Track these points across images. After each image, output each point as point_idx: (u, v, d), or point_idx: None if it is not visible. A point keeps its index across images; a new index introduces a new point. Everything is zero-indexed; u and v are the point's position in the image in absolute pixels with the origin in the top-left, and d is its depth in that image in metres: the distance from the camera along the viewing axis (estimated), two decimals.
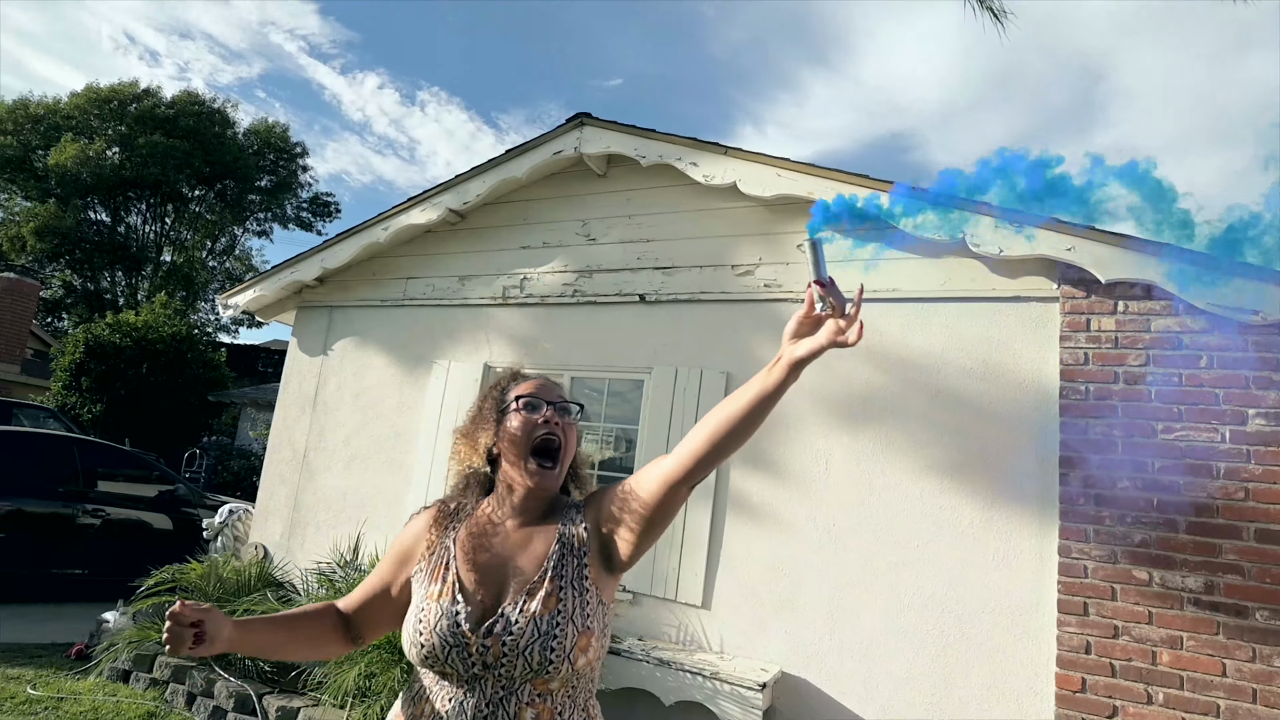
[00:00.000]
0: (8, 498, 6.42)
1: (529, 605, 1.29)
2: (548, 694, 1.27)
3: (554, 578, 1.32)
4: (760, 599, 4.01)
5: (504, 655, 1.25)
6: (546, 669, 1.25)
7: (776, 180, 4.16)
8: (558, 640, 1.25)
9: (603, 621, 1.33)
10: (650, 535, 1.34)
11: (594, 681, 1.37)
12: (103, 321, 15.08)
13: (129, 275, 31.08)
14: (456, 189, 5.27)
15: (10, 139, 28.94)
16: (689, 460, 1.28)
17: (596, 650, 1.31)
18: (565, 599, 1.29)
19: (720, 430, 1.25)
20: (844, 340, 1.19)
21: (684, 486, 1.30)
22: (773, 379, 1.22)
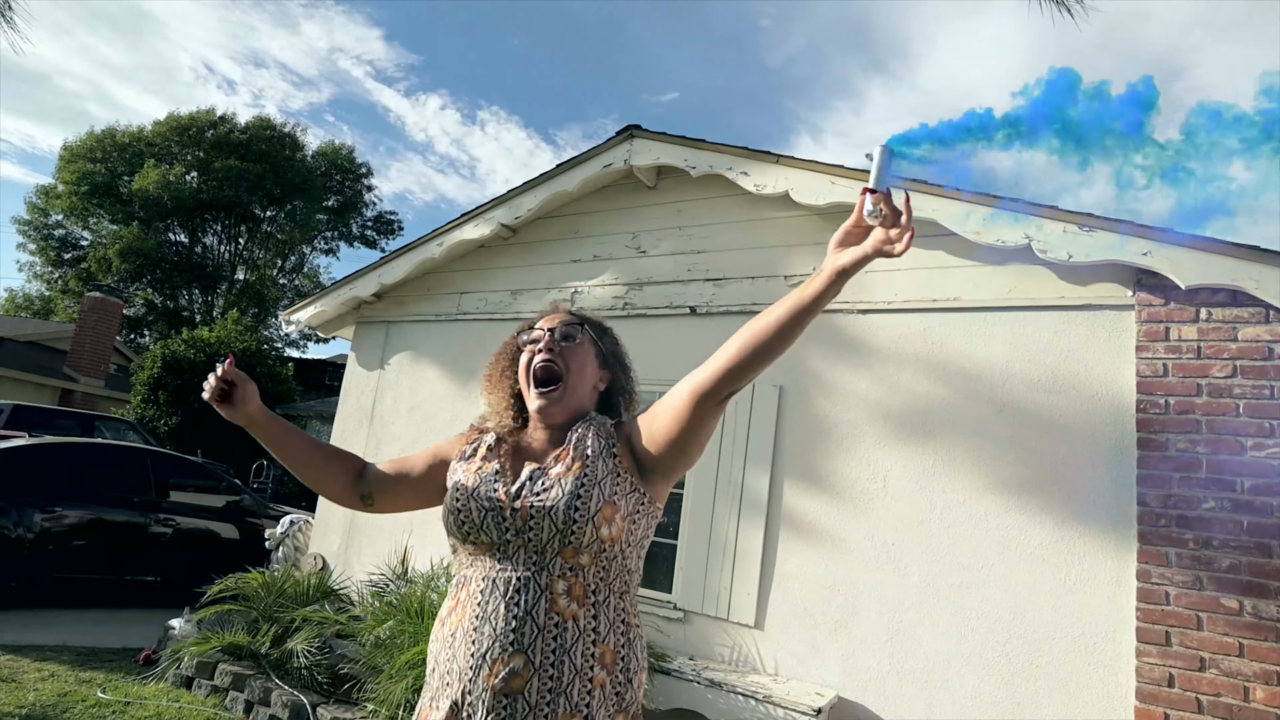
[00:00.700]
0: (88, 506, 6.72)
1: (554, 470, 1.32)
2: (579, 569, 1.26)
3: (577, 448, 1.34)
4: (815, 620, 3.88)
5: (532, 517, 1.27)
6: (571, 530, 1.25)
7: (830, 188, 4.05)
8: (581, 501, 1.26)
9: (633, 508, 1.32)
10: (680, 448, 1.31)
11: (631, 580, 1.34)
12: (179, 338, 15.77)
13: (205, 293, 32.53)
14: (509, 204, 5.31)
15: (99, 166, 30.71)
16: (719, 371, 1.25)
17: (621, 530, 1.29)
18: (592, 469, 1.30)
19: (754, 340, 1.21)
20: (890, 250, 1.13)
21: (713, 399, 1.26)
22: (813, 287, 1.18)
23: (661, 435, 1.30)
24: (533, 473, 1.34)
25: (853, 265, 1.16)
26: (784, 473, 4.15)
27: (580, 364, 1.45)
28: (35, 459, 6.73)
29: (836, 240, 1.20)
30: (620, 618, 1.29)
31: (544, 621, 1.22)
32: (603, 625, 1.25)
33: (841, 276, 1.17)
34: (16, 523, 6.24)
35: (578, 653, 1.22)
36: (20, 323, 23.37)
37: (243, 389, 1.47)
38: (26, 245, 32.48)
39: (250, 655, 4.69)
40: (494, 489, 1.33)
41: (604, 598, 1.27)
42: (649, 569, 4.54)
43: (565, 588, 1.25)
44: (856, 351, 4.08)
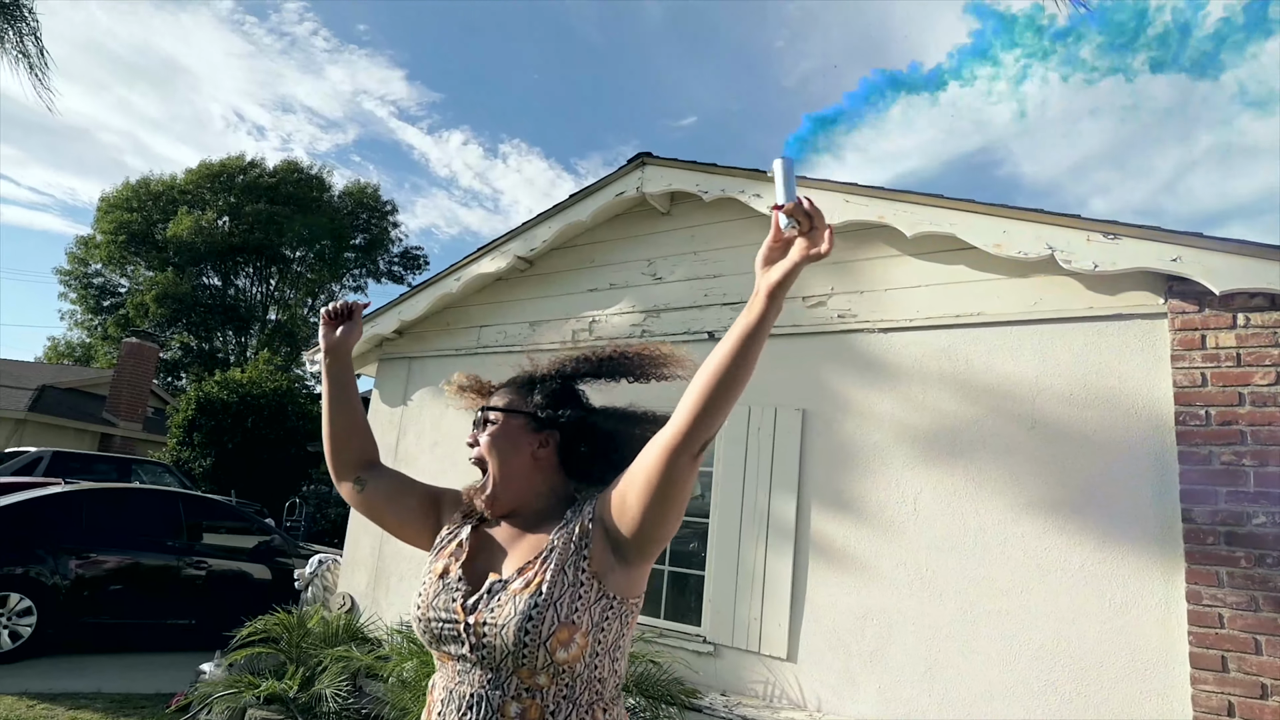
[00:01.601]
0: (122, 551, 6.80)
1: (513, 584, 1.23)
2: (536, 689, 1.18)
3: (543, 562, 1.23)
4: (849, 651, 3.75)
5: (484, 635, 1.20)
6: (522, 655, 1.16)
7: (845, 206, 3.99)
8: (533, 624, 1.17)
9: (599, 618, 1.20)
10: (658, 513, 1.19)
11: (606, 686, 1.23)
12: (212, 380, 16.05)
13: (239, 334, 33.21)
14: (524, 236, 5.32)
15: (135, 215, 31.66)
16: (684, 422, 1.15)
17: (583, 647, 1.18)
18: (553, 585, 1.20)
19: (712, 381, 1.14)
20: (816, 252, 1.11)
21: (686, 453, 1.16)
22: (753, 314, 1.14)
23: (637, 507, 1.20)
24: (492, 585, 1.25)
25: (783, 278, 1.13)
26: (811, 498, 4.04)
27: (501, 449, 1.35)
28: (69, 506, 6.84)
29: (762, 259, 1.17)
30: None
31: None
32: None
33: (775, 293, 1.13)
34: (53, 570, 6.32)
35: None
36: (61, 370, 24.00)
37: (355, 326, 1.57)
38: (67, 295, 33.50)
39: (279, 699, 4.66)
40: (452, 601, 1.27)
41: (565, 716, 1.18)
42: (677, 601, 4.44)
43: (519, 710, 1.18)
44: (879, 372, 3.99)
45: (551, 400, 1.41)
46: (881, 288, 4.05)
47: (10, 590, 6.07)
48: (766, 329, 1.13)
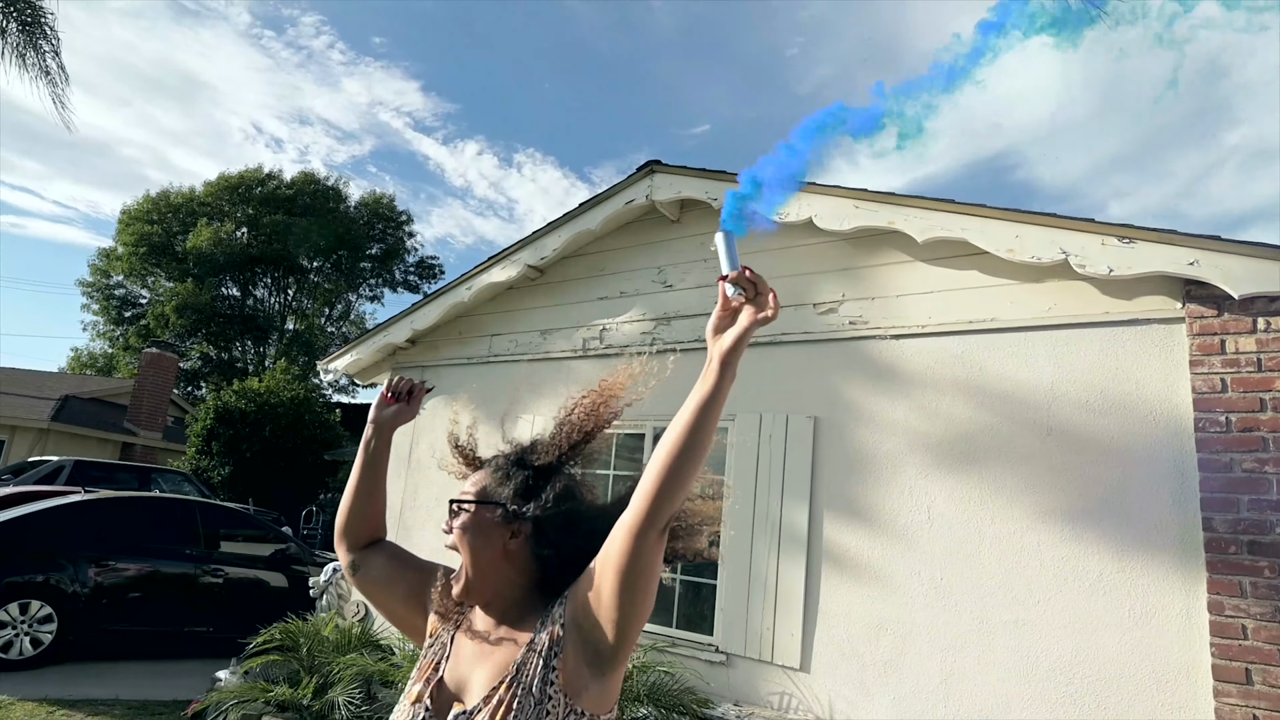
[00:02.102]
0: (141, 559, 6.86)
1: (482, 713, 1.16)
2: None
3: (510, 685, 1.17)
4: (863, 661, 3.70)
5: None
6: None
7: (855, 212, 3.97)
8: None
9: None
10: (631, 600, 1.12)
11: None
12: (230, 389, 16.21)
13: (257, 344, 33.53)
14: (534, 245, 5.33)
15: (156, 227, 32.09)
16: (645, 502, 1.10)
17: None
18: (519, 710, 1.14)
19: (669, 460, 1.10)
20: (764, 316, 1.11)
21: (652, 530, 1.10)
22: (707, 384, 1.12)
23: (610, 597, 1.13)
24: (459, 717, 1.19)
25: (734, 344, 1.12)
26: (823, 506, 4.01)
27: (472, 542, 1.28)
28: (89, 514, 6.91)
29: (712, 328, 1.16)
30: None
31: None
32: None
33: (727, 362, 1.12)
34: (73, 578, 6.39)
35: None
36: (83, 380, 24.33)
37: (409, 409, 1.55)
38: (89, 306, 33.99)
39: (293, 707, 4.67)
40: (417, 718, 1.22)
41: None
42: (688, 609, 4.41)
43: None
44: (892, 379, 3.95)
45: (523, 491, 1.31)
46: (893, 294, 4.01)
47: (31, 598, 6.14)
48: (722, 397, 1.12)
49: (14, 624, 6.04)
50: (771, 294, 1.12)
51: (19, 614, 6.07)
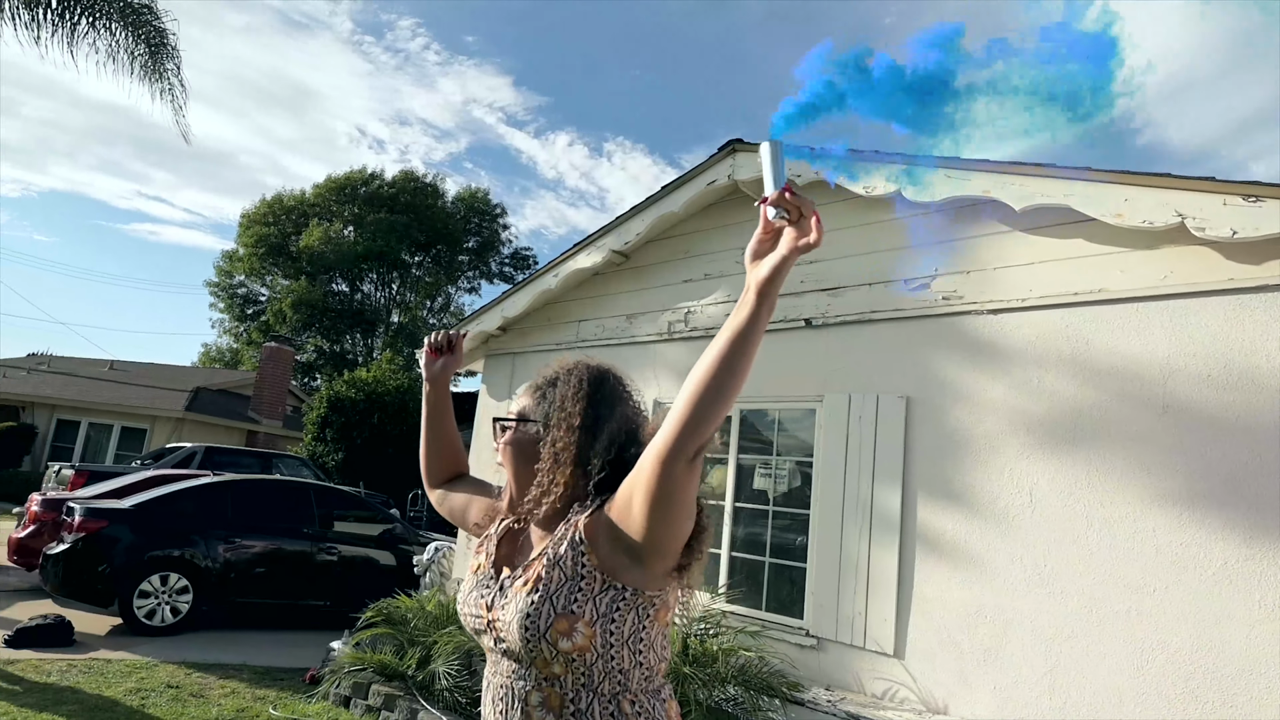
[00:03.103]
0: (263, 537, 7.38)
1: (517, 581, 1.26)
2: (554, 678, 1.21)
3: (544, 558, 1.25)
4: (961, 649, 3.57)
5: (499, 631, 1.25)
6: (529, 647, 1.20)
7: (946, 182, 3.80)
8: (531, 619, 1.19)
9: (606, 609, 1.20)
10: (660, 520, 1.15)
11: (631, 678, 1.22)
12: (341, 380, 17.14)
13: (366, 336, 35.30)
14: (618, 230, 5.37)
15: (272, 229, 34.21)
16: (674, 430, 1.09)
17: (590, 637, 1.18)
18: (550, 578, 1.22)
19: (703, 384, 1.07)
20: (806, 242, 1.03)
21: (679, 460, 1.10)
22: (743, 313, 1.06)
23: (640, 514, 1.16)
24: (503, 582, 1.30)
25: (772, 273, 1.05)
26: (917, 489, 3.88)
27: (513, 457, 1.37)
28: (218, 496, 7.49)
29: (751, 253, 1.09)
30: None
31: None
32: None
33: (764, 292, 1.05)
34: (205, 554, 6.94)
35: None
36: (212, 373, 26.31)
37: (454, 359, 1.64)
38: (216, 304, 36.65)
39: (399, 676, 4.93)
40: (480, 598, 1.33)
41: (586, 704, 1.21)
42: (778, 592, 4.38)
43: (540, 699, 1.22)
44: (990, 356, 3.77)
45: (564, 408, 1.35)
46: (990, 266, 3.82)
47: (170, 570, 6.72)
48: (759, 328, 1.06)
49: (156, 594, 6.62)
50: (815, 217, 1.04)
51: (160, 585, 6.65)
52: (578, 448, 1.30)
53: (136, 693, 4.85)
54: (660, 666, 1.26)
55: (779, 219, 1.06)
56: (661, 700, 1.26)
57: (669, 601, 1.26)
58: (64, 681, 4.94)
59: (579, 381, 1.35)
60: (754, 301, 1.05)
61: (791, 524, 4.45)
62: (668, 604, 1.25)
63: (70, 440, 18.97)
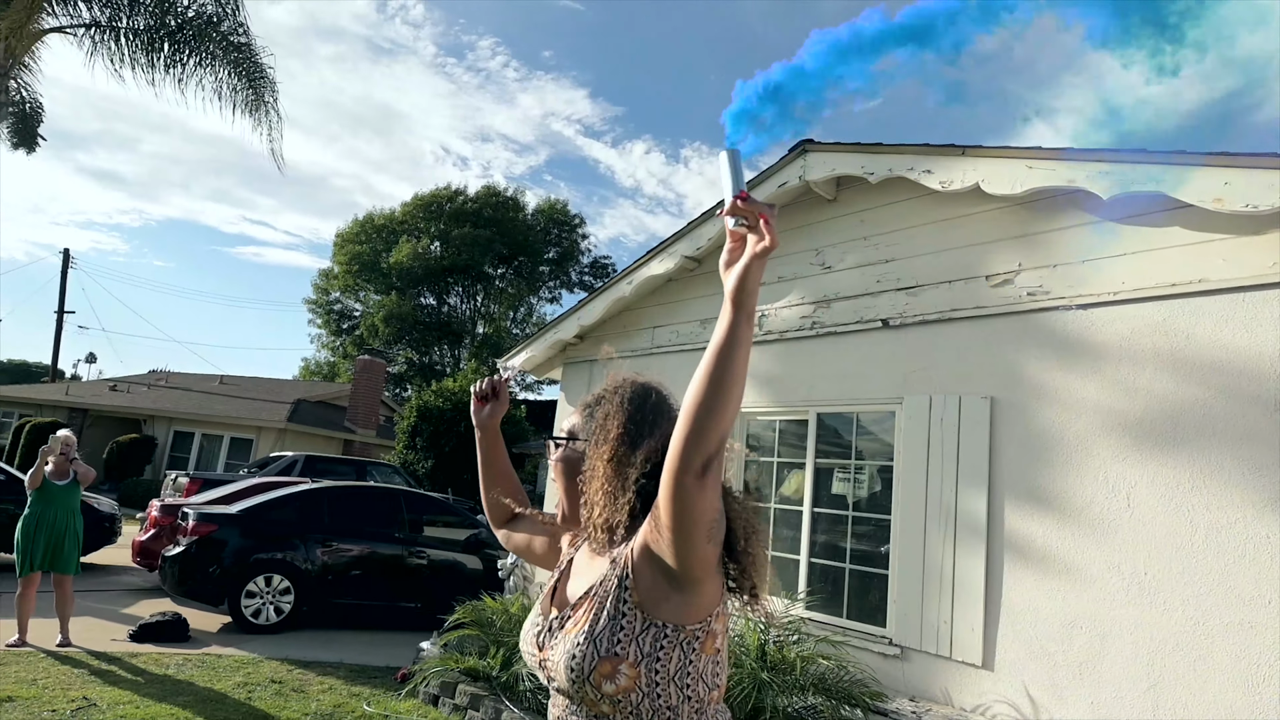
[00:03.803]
0: (358, 541, 7.73)
1: (567, 623, 1.28)
2: (603, 716, 1.23)
3: (590, 598, 1.26)
4: (1054, 660, 3.41)
5: (549, 670, 1.28)
6: (575, 689, 1.22)
7: (1028, 174, 3.65)
8: (576, 661, 1.21)
9: (650, 648, 1.20)
10: (681, 536, 1.15)
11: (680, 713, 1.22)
12: (429, 390, 17.77)
13: (453, 348, 36.47)
14: (690, 236, 5.39)
15: (364, 247, 35.82)
16: (675, 447, 1.10)
17: (634, 678, 1.18)
18: (595, 622, 1.23)
19: (693, 404, 1.08)
20: (764, 247, 1.02)
21: (685, 475, 1.10)
22: (723, 325, 1.06)
23: (666, 531, 1.16)
24: (552, 623, 1.32)
25: (739, 282, 1.05)
26: (1004, 493, 3.73)
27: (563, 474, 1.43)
28: (316, 501, 7.89)
29: (723, 264, 1.10)
30: None
31: None
32: None
33: (738, 300, 1.05)
34: (304, 557, 7.32)
35: None
36: (312, 386, 27.70)
37: (499, 404, 1.68)
38: (314, 320, 38.62)
39: (484, 677, 5.07)
40: (534, 634, 1.36)
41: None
42: (859, 600, 4.28)
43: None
44: (1079, 353, 3.59)
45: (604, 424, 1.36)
46: (1077, 259, 3.65)
47: (273, 572, 7.12)
48: (739, 339, 1.05)
49: (261, 594, 7.02)
50: (763, 219, 1.04)
51: (264, 585, 7.06)
52: (616, 463, 1.31)
53: (244, 686, 5.16)
54: (712, 695, 1.25)
55: (739, 226, 1.07)
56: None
57: (715, 630, 1.25)
58: (180, 675, 5.30)
59: (621, 400, 1.37)
60: (730, 312, 1.05)
61: (872, 530, 4.35)
62: (713, 633, 1.25)
63: (186, 450, 20.35)
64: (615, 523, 1.30)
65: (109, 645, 5.95)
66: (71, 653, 5.61)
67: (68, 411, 21.85)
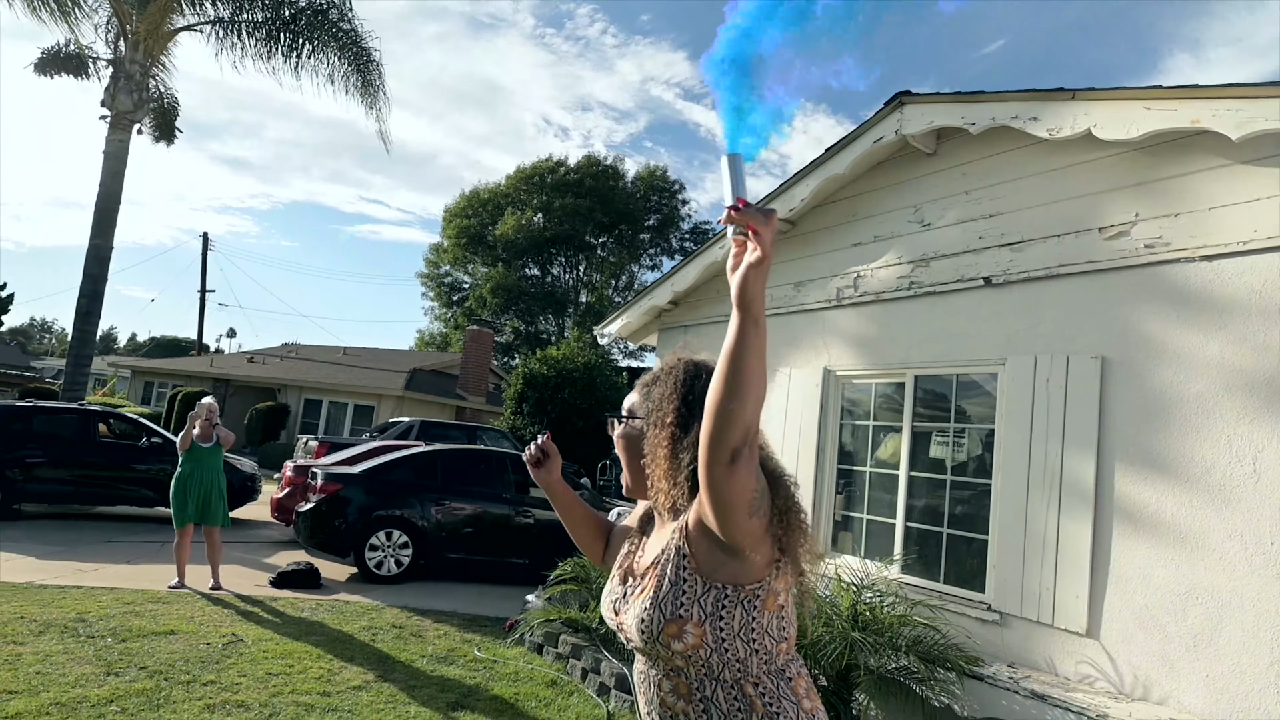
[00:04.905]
0: (469, 500, 8.18)
1: (635, 590, 1.39)
2: (678, 669, 1.32)
3: (655, 566, 1.35)
4: (1167, 633, 3.24)
5: (625, 633, 1.38)
6: (648, 649, 1.32)
7: (1145, 116, 3.39)
8: (645, 624, 1.31)
9: (713, 608, 1.27)
10: (721, 516, 1.22)
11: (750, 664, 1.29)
12: (534, 358, 18.33)
13: (557, 317, 37.36)
14: (781, 197, 5.31)
15: (472, 220, 37.04)
16: (703, 443, 1.17)
17: (700, 636, 1.27)
18: (659, 588, 1.32)
19: (712, 402, 1.13)
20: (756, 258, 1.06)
21: (715, 464, 1.16)
22: (730, 330, 1.09)
23: (708, 510, 1.24)
24: (626, 590, 1.42)
25: (738, 290, 1.08)
26: (1113, 458, 3.54)
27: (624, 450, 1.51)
28: (431, 463, 8.38)
29: (729, 268, 1.13)
30: (738, 706, 1.29)
31: (662, 713, 1.35)
32: (715, 717, 1.29)
33: (741, 304, 1.07)
34: (420, 514, 7.82)
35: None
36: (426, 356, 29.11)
37: (552, 460, 1.73)
38: (427, 293, 40.41)
39: (584, 629, 5.31)
40: (610, 604, 1.46)
41: (711, 692, 1.30)
42: (957, 565, 4.20)
43: (670, 686, 1.33)
44: (1202, 308, 3.35)
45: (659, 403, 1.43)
46: (1203, 207, 3.37)
47: (393, 528, 7.65)
48: (747, 342, 1.08)
49: (383, 548, 7.57)
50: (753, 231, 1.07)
51: (385, 540, 7.60)
52: (671, 444, 1.38)
53: (368, 630, 5.61)
54: (780, 647, 1.32)
55: (737, 234, 1.09)
56: (787, 679, 1.32)
57: (775, 588, 1.31)
58: (313, 617, 5.82)
59: (675, 382, 1.43)
60: (737, 316, 1.09)
61: (971, 494, 4.23)
62: (774, 590, 1.31)
63: (315, 416, 21.92)
64: (675, 498, 1.37)
65: (253, 590, 6.60)
66: (221, 595, 6.26)
67: (212, 382, 23.93)
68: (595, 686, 4.69)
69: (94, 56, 13.75)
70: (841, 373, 5.11)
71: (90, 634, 4.82)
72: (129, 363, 31.84)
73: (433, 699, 4.31)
